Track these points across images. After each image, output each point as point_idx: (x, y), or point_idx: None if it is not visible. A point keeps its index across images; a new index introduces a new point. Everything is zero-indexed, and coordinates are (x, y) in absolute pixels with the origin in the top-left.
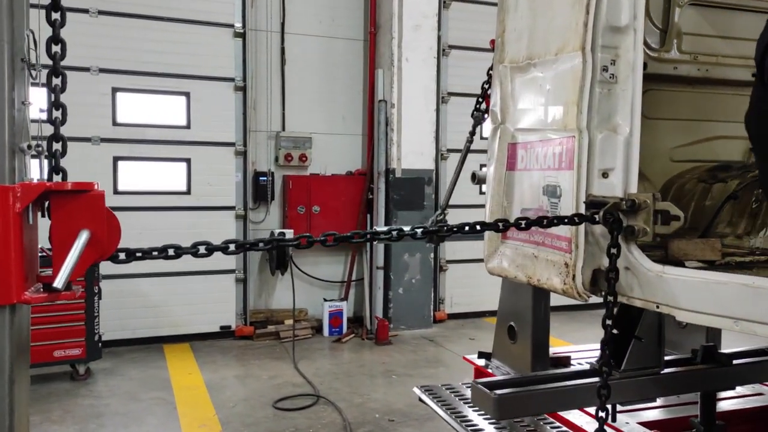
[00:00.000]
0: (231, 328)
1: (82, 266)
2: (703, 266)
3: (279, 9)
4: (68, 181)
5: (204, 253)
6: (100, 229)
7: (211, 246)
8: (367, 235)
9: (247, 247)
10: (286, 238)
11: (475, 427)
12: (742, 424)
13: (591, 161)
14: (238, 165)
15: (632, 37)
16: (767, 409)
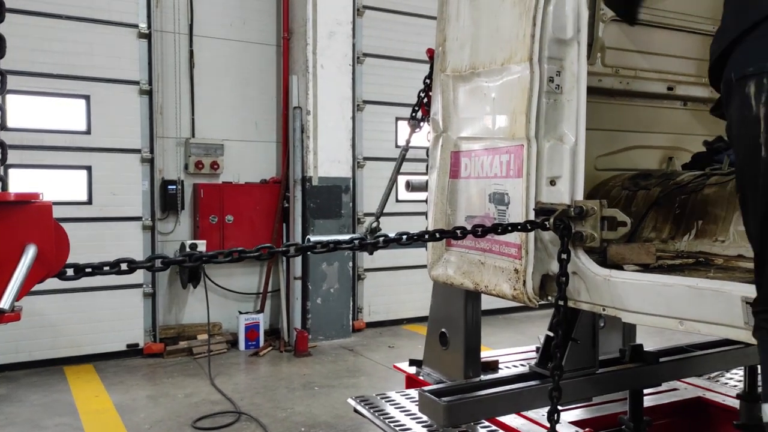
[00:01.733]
0: (139, 346)
1: (28, 284)
2: (638, 269)
3: (186, 10)
4: (10, 192)
5: (160, 267)
6: (48, 244)
7: (167, 259)
8: (330, 244)
9: (204, 259)
10: (245, 250)
11: None
12: (662, 419)
13: (539, 169)
14: (145, 173)
15: (576, 50)
16: (684, 404)
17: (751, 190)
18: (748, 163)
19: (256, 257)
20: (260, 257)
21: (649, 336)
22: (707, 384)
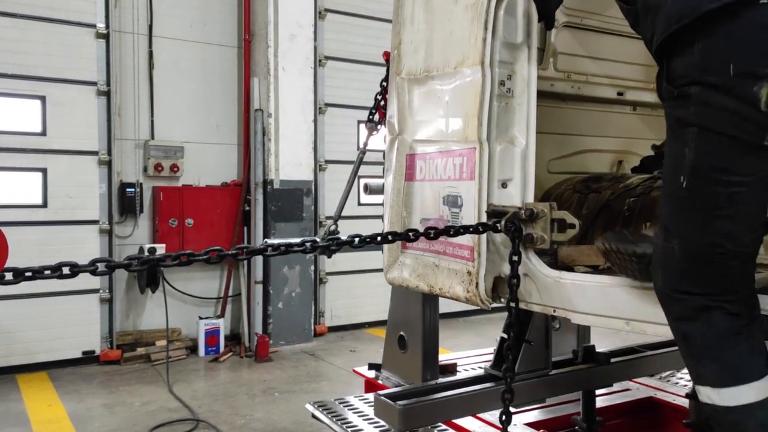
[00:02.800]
0: (95, 353)
1: None
2: (588, 271)
3: (146, 10)
4: None
5: (104, 270)
6: None
7: (112, 263)
8: (281, 247)
9: (153, 263)
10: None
11: None
12: (614, 419)
13: (491, 172)
14: (102, 175)
15: (526, 54)
16: (637, 403)
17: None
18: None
19: (205, 260)
20: (209, 260)
21: (606, 336)
22: (659, 384)
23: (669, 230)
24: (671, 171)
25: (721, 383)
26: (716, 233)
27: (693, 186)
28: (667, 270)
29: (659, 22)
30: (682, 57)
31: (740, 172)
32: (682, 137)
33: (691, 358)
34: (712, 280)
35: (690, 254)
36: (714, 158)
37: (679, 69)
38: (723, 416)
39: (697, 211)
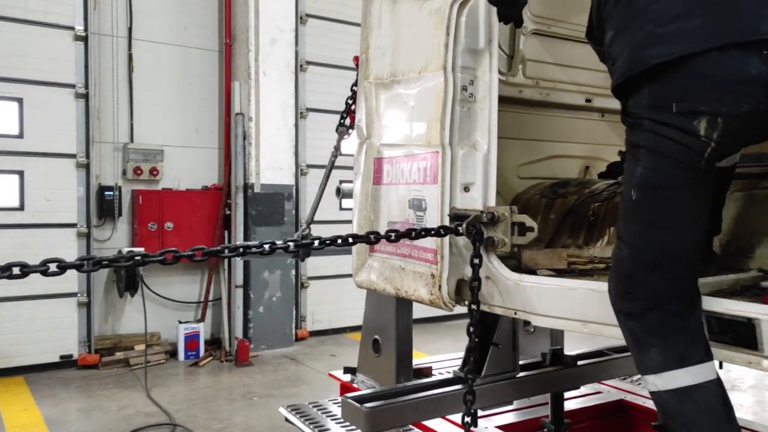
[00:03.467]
0: (73, 357)
1: None
2: (551, 274)
3: (126, 13)
4: None
5: (55, 271)
6: None
7: (62, 263)
8: (240, 248)
9: (104, 264)
10: (148, 253)
11: None
12: (585, 421)
13: (453, 176)
14: (80, 178)
15: (488, 60)
16: (607, 406)
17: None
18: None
19: (159, 261)
20: (163, 262)
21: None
22: (629, 387)
23: (620, 238)
24: (626, 186)
25: (661, 368)
26: (658, 242)
27: (640, 199)
28: (617, 274)
29: (617, 70)
30: (634, 97)
31: (680, 190)
32: (635, 156)
33: (637, 350)
34: (656, 284)
35: (636, 260)
36: (659, 176)
37: (632, 106)
38: (666, 401)
39: (643, 222)
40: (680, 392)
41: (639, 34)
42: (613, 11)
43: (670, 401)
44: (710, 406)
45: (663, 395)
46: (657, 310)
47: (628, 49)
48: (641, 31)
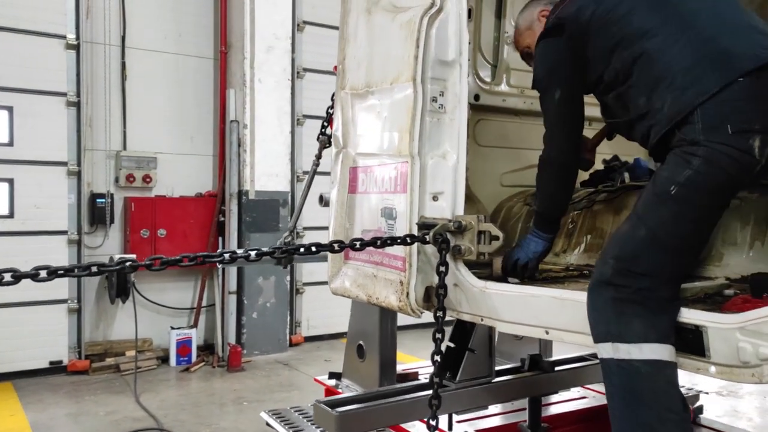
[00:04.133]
0: (63, 363)
1: None
2: (518, 282)
3: (119, 22)
4: None
5: (45, 277)
6: None
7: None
8: (223, 255)
9: (93, 270)
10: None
11: None
12: (567, 426)
13: (423, 185)
14: (72, 186)
15: (458, 71)
16: (589, 411)
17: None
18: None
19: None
20: (123, 270)
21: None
22: None
23: (641, 219)
24: (665, 180)
25: (643, 339)
26: (684, 232)
27: (680, 195)
28: (621, 251)
29: (662, 118)
30: (685, 129)
31: (719, 197)
32: (688, 161)
33: (618, 320)
34: (664, 266)
35: (654, 242)
36: (708, 182)
37: (686, 135)
38: (638, 370)
39: (676, 212)
40: (658, 364)
41: (675, 84)
42: (634, 84)
43: (642, 370)
44: (675, 383)
45: (636, 364)
46: (652, 289)
47: (671, 96)
48: (675, 82)
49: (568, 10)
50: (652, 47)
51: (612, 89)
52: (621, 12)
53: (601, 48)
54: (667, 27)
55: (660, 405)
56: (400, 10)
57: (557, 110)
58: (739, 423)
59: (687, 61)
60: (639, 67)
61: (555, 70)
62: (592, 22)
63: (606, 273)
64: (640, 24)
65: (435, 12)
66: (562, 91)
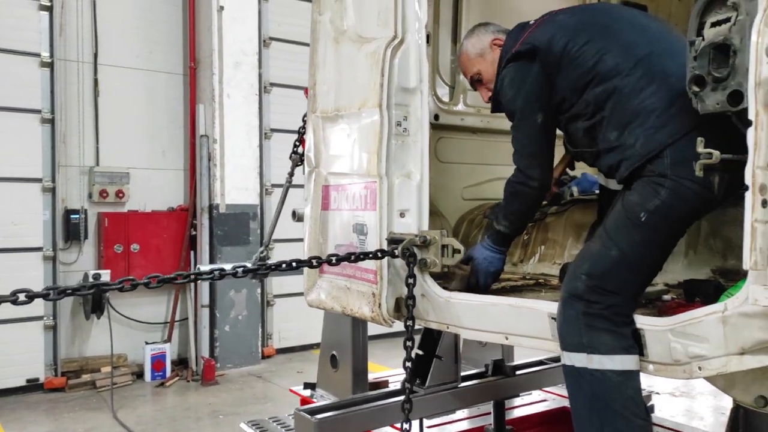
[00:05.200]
0: (39, 381)
1: None
2: None
3: (91, 39)
4: None
5: (24, 300)
6: None
7: (31, 293)
8: (191, 275)
9: (68, 293)
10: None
11: None
12: (531, 428)
13: (390, 203)
14: (46, 202)
15: (419, 97)
16: (551, 413)
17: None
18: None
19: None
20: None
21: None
22: None
23: (612, 240)
24: (636, 206)
25: (613, 351)
26: (650, 256)
27: (648, 222)
28: (593, 269)
29: (633, 154)
30: (655, 164)
31: (682, 226)
32: (654, 189)
33: (588, 332)
34: (631, 285)
35: (624, 263)
36: (673, 212)
37: (655, 169)
38: (609, 379)
39: (643, 237)
40: (627, 374)
41: (648, 125)
42: (606, 119)
43: (614, 380)
44: (640, 390)
45: (608, 374)
46: (619, 306)
47: (643, 135)
48: (648, 123)
49: (540, 38)
50: (625, 86)
51: (579, 119)
52: (594, 49)
53: (573, 80)
54: (639, 69)
55: (629, 411)
56: (366, 41)
57: (538, 135)
58: (692, 422)
59: (661, 103)
60: (612, 104)
61: (532, 93)
62: (563, 55)
63: (578, 288)
64: (615, 64)
65: (397, 43)
66: (544, 116)
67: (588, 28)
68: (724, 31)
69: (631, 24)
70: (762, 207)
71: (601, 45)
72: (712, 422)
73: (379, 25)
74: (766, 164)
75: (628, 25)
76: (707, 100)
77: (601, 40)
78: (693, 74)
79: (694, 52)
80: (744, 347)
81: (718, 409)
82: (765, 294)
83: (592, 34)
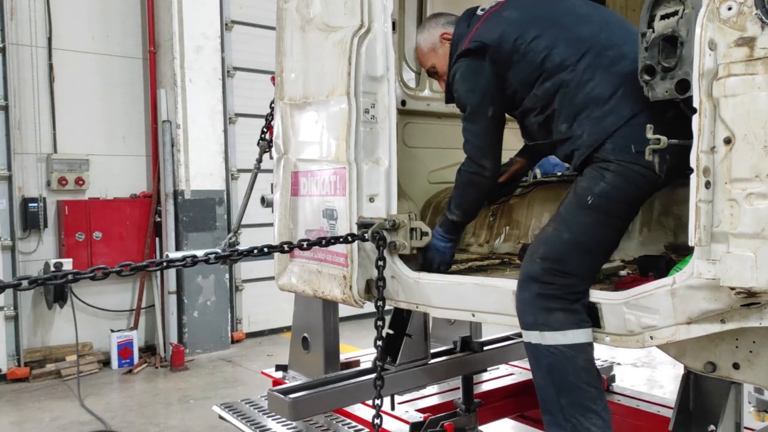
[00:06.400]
0: (2, 372)
1: None
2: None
3: (44, 23)
4: None
5: None
6: None
7: (2, 284)
8: (163, 263)
9: (40, 282)
10: (80, 271)
11: None
12: (498, 401)
13: (360, 188)
14: (2, 191)
15: (386, 86)
16: (517, 386)
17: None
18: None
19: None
20: (95, 278)
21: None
22: None
23: (565, 223)
24: (583, 191)
25: (566, 327)
26: (601, 236)
27: (594, 204)
28: (548, 252)
29: (583, 143)
30: (600, 151)
31: (630, 206)
32: (600, 174)
33: (542, 311)
34: (583, 265)
35: (576, 245)
36: (619, 193)
37: (601, 155)
38: (563, 353)
39: (596, 221)
40: (578, 347)
41: (593, 115)
42: (556, 112)
43: (567, 353)
44: (593, 359)
45: (561, 348)
46: (573, 285)
47: (589, 125)
48: (593, 114)
49: (489, 35)
50: (571, 80)
51: (531, 113)
52: (542, 45)
53: (524, 76)
54: (584, 61)
55: (582, 381)
56: (333, 30)
57: (490, 127)
58: (652, 390)
59: (603, 94)
60: (560, 97)
61: (485, 88)
62: (514, 51)
63: (534, 270)
64: (561, 59)
65: (364, 32)
66: (494, 109)
67: (535, 22)
68: (672, 23)
69: (575, 15)
70: (705, 188)
71: (548, 40)
72: (671, 389)
73: (345, 14)
74: (709, 149)
75: (572, 16)
76: (657, 88)
77: (548, 34)
78: (644, 64)
79: (645, 43)
80: (691, 317)
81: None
82: (708, 268)
83: (539, 29)
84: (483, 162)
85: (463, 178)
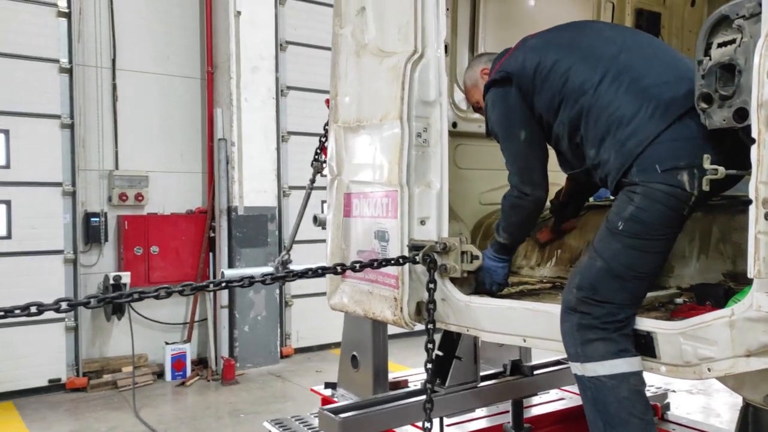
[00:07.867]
0: (61, 381)
1: None
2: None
3: (109, 45)
4: None
5: (66, 309)
6: None
7: (72, 302)
8: (222, 283)
9: (108, 300)
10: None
11: None
12: (549, 426)
13: (411, 211)
14: (67, 206)
15: (439, 110)
16: (568, 411)
17: None
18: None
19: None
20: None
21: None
22: None
23: (597, 251)
24: (614, 216)
25: (605, 357)
26: (633, 262)
27: (625, 229)
28: (583, 281)
29: (612, 167)
30: (628, 174)
31: (663, 228)
32: (630, 198)
33: (582, 342)
34: (617, 294)
35: (608, 273)
36: (649, 216)
37: (630, 179)
38: (603, 383)
39: (621, 245)
40: (619, 377)
41: (617, 138)
42: (584, 137)
43: (608, 383)
44: (639, 388)
45: (602, 379)
46: (611, 314)
47: (614, 149)
48: (617, 136)
49: (513, 64)
50: (593, 103)
51: (561, 141)
52: (562, 69)
53: (548, 101)
54: (604, 83)
55: (625, 411)
56: (387, 55)
57: (524, 151)
58: (708, 419)
59: (626, 115)
60: (585, 122)
61: (513, 113)
62: (535, 77)
63: (571, 301)
64: (581, 80)
65: (417, 58)
66: (525, 132)
67: (555, 47)
68: (729, 51)
69: (597, 38)
70: (765, 219)
71: (568, 64)
72: (728, 419)
73: (399, 39)
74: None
75: (593, 39)
76: (714, 116)
77: (568, 58)
78: (701, 92)
79: (702, 71)
80: (750, 349)
81: (734, 405)
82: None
83: (559, 53)
84: (522, 187)
85: (507, 203)
